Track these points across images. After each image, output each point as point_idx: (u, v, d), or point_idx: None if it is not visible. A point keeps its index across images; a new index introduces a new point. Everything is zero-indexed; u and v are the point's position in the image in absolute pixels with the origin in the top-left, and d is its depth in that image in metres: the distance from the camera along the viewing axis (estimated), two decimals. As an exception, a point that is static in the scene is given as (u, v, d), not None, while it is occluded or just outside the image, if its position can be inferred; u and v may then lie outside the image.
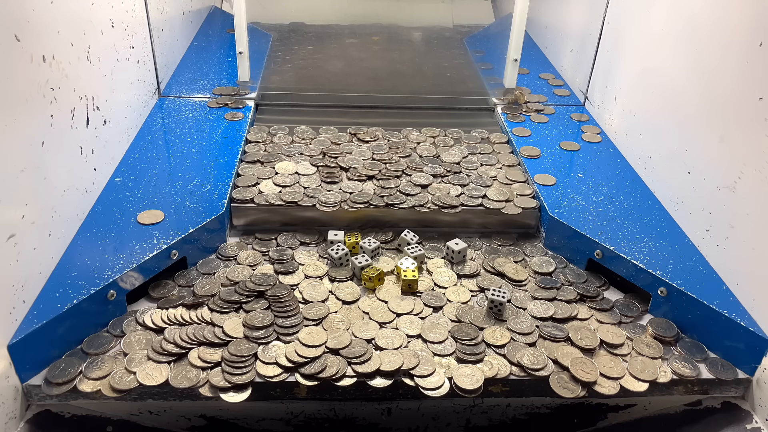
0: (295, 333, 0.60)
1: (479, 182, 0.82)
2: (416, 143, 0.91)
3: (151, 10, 0.94)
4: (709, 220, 0.68)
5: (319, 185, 0.80)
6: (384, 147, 0.89)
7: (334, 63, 1.16)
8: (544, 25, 1.30)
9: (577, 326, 0.63)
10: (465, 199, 0.78)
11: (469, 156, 0.89)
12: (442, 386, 0.56)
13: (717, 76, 0.69)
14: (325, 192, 0.78)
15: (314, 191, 0.78)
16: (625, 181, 0.83)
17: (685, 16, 0.76)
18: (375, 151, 0.88)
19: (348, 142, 0.91)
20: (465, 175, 0.84)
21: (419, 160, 0.87)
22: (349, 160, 0.86)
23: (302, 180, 0.81)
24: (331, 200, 0.77)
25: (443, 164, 0.86)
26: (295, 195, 0.77)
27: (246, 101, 1.00)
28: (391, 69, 1.15)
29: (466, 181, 0.82)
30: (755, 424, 0.59)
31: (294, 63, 1.15)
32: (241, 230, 0.76)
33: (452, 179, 0.83)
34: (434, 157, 0.88)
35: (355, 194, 0.78)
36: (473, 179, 0.83)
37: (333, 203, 0.76)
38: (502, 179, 0.83)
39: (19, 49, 0.55)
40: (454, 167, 0.85)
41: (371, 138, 0.92)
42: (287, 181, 0.80)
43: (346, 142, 0.90)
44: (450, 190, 0.80)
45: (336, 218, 0.76)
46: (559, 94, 1.09)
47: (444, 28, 1.38)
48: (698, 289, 0.63)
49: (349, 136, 0.92)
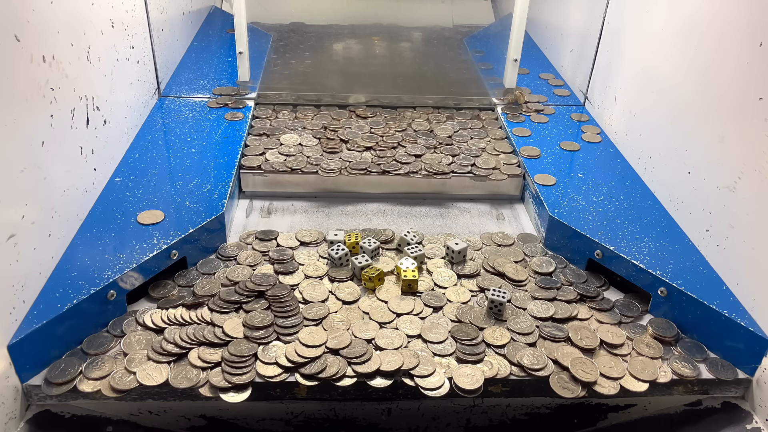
0: (295, 333, 0.60)
1: (469, 153, 0.89)
2: (411, 120, 0.98)
3: (151, 10, 0.94)
4: (709, 220, 0.68)
5: (321, 155, 0.87)
6: (381, 122, 0.96)
7: (334, 63, 1.16)
8: (544, 25, 1.30)
9: (577, 326, 0.63)
10: (455, 167, 0.85)
11: (460, 130, 0.96)
12: (442, 386, 0.57)
13: (717, 76, 0.69)
14: (326, 160, 0.85)
15: (316, 160, 0.86)
16: (625, 181, 0.83)
17: (685, 16, 0.76)
18: (373, 125, 0.95)
19: (347, 118, 0.98)
20: (456, 147, 0.91)
21: (414, 134, 0.93)
22: (348, 133, 0.93)
23: (305, 150, 0.88)
24: (331, 167, 0.83)
25: (436, 137, 0.92)
26: (298, 162, 0.84)
27: (246, 101, 1.00)
28: (391, 69, 1.15)
29: (457, 152, 0.89)
30: (755, 424, 0.59)
31: (294, 63, 1.15)
32: (249, 195, 0.85)
33: (444, 150, 0.89)
34: (428, 131, 0.94)
35: (354, 162, 0.85)
36: (463, 150, 0.90)
37: (333, 170, 0.83)
38: (491, 150, 0.91)
39: (19, 49, 0.55)
40: (446, 140, 0.92)
41: (370, 115, 0.99)
42: (291, 151, 0.88)
43: (346, 118, 0.98)
44: (442, 160, 0.87)
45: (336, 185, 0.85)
46: (559, 94, 1.08)
47: (444, 28, 1.38)
48: (698, 289, 0.63)
49: (348, 113, 1.00)
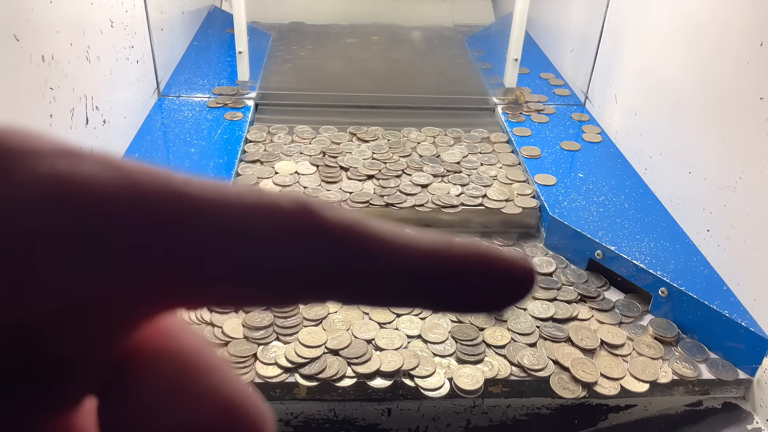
0: (294, 333, 0.60)
1: (479, 182, 0.82)
2: (416, 143, 0.91)
3: (150, 10, 0.94)
4: (709, 220, 0.68)
5: (319, 185, 0.80)
6: (384, 146, 0.89)
7: (334, 63, 1.16)
8: (545, 25, 1.30)
9: (577, 326, 0.63)
10: (465, 198, 0.78)
11: (469, 156, 0.88)
12: (442, 387, 0.56)
13: (718, 76, 0.68)
14: (325, 191, 0.78)
15: (314, 191, 0.78)
16: (625, 181, 0.82)
17: (685, 16, 0.76)
18: (375, 150, 0.88)
19: (348, 141, 0.90)
20: (465, 175, 0.83)
21: (419, 160, 0.86)
22: (349, 159, 0.85)
23: (302, 180, 0.81)
24: (331, 200, 0.77)
25: (443, 164, 0.85)
26: None
27: (246, 101, 1.00)
28: (391, 69, 1.15)
29: (466, 181, 0.82)
30: (756, 424, 0.59)
31: (294, 63, 1.15)
32: None
33: (452, 179, 0.82)
34: (434, 157, 0.87)
35: (355, 194, 0.78)
36: (473, 179, 0.83)
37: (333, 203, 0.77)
38: (502, 179, 0.83)
39: (18, 48, 0.55)
40: (454, 167, 0.85)
41: (371, 137, 0.91)
42: (287, 180, 0.80)
43: (346, 141, 0.90)
44: (450, 190, 0.80)
45: None
46: (560, 94, 1.08)
47: (444, 27, 1.38)
48: (699, 290, 0.63)
49: (349, 135, 0.92)
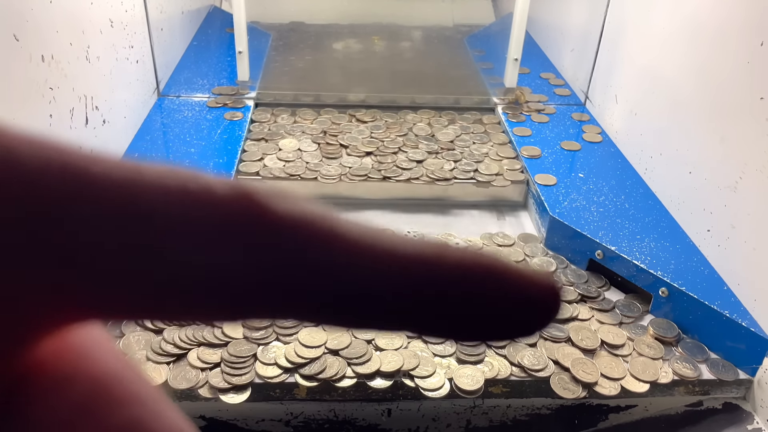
0: (294, 334, 0.60)
1: (471, 158, 0.87)
2: (413, 123, 0.96)
3: (150, 10, 0.93)
4: (710, 221, 0.68)
5: (320, 160, 0.85)
6: (381, 126, 0.94)
7: (334, 62, 1.16)
8: (545, 25, 1.30)
9: (577, 327, 0.63)
10: (458, 173, 0.84)
11: (462, 135, 0.94)
12: (442, 387, 0.56)
13: (718, 76, 0.68)
14: (325, 166, 0.83)
15: (316, 165, 0.83)
16: (626, 181, 0.82)
17: (686, 16, 0.76)
18: (373, 130, 0.93)
19: (347, 122, 0.96)
20: (458, 152, 0.89)
21: (415, 138, 0.92)
22: (348, 138, 0.91)
23: (304, 156, 0.86)
24: (331, 173, 0.82)
25: (438, 142, 0.91)
26: (297, 169, 0.82)
27: (245, 101, 1.00)
28: (391, 69, 1.15)
29: (459, 157, 0.87)
30: (756, 425, 0.59)
31: (294, 63, 1.15)
32: None
33: (446, 155, 0.88)
34: (429, 136, 0.93)
35: (354, 168, 0.83)
36: (466, 155, 0.88)
37: (333, 176, 0.81)
38: (493, 155, 0.88)
39: (18, 48, 0.55)
40: (448, 145, 0.90)
41: (370, 119, 0.97)
42: (290, 156, 0.85)
43: (346, 122, 0.96)
44: (444, 165, 0.85)
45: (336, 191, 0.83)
46: (560, 94, 1.08)
47: (444, 27, 1.38)
48: (699, 290, 0.63)
49: (348, 116, 0.97)
